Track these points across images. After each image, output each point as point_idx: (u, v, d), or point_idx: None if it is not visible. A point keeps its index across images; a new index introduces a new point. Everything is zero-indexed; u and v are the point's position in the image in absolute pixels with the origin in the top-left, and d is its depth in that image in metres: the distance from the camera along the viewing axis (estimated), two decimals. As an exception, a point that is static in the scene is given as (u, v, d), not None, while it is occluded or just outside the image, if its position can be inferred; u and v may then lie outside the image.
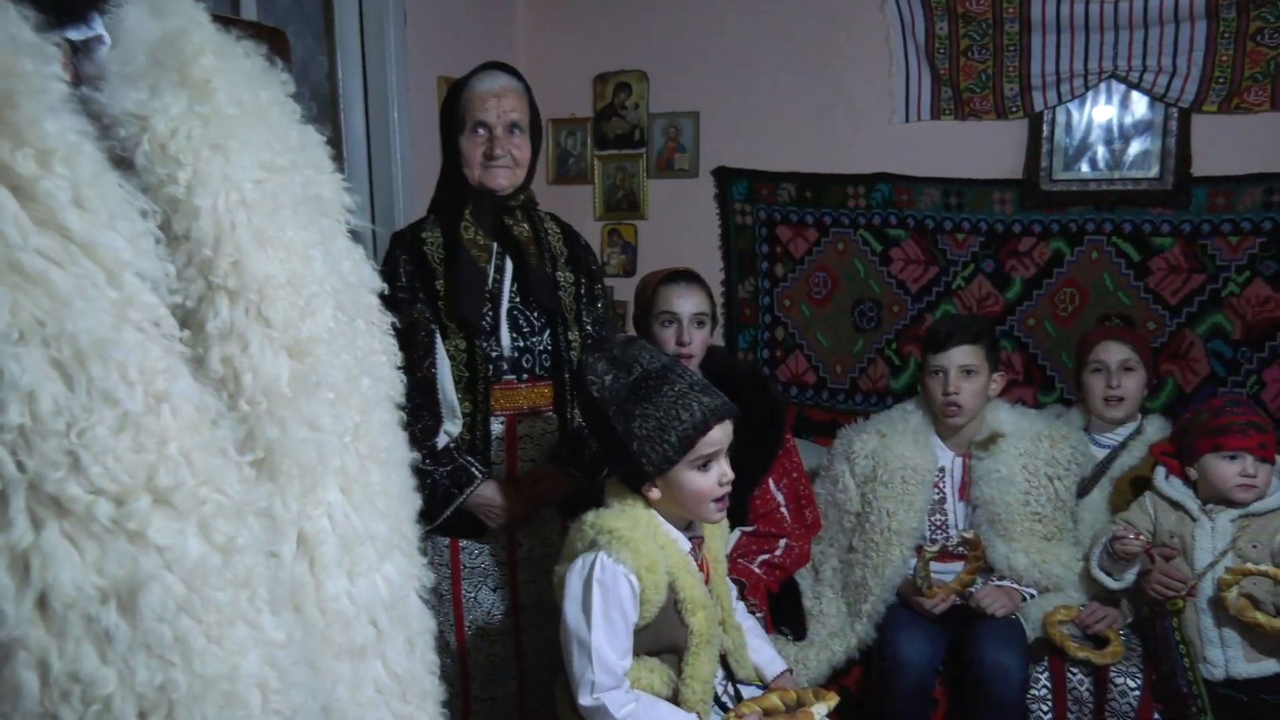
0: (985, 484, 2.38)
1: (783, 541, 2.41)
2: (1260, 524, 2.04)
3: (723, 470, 1.71)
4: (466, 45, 3.28)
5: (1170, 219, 3.02)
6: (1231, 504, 2.06)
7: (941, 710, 2.34)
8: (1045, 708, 2.16)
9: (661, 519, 1.73)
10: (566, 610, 1.68)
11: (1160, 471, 2.18)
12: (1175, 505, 2.13)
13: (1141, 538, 2.10)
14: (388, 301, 1.91)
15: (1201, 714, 1.96)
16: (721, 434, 1.69)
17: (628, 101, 3.54)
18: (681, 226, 3.55)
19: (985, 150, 3.17)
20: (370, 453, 0.90)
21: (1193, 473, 2.11)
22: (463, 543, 2.05)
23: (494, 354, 2.01)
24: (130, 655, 0.63)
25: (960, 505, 2.45)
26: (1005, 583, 2.35)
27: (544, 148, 3.66)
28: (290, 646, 0.74)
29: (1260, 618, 1.93)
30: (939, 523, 2.44)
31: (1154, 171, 3.03)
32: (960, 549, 2.29)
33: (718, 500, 1.72)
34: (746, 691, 1.85)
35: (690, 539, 1.78)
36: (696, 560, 1.78)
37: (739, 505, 2.36)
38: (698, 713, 1.69)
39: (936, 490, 2.45)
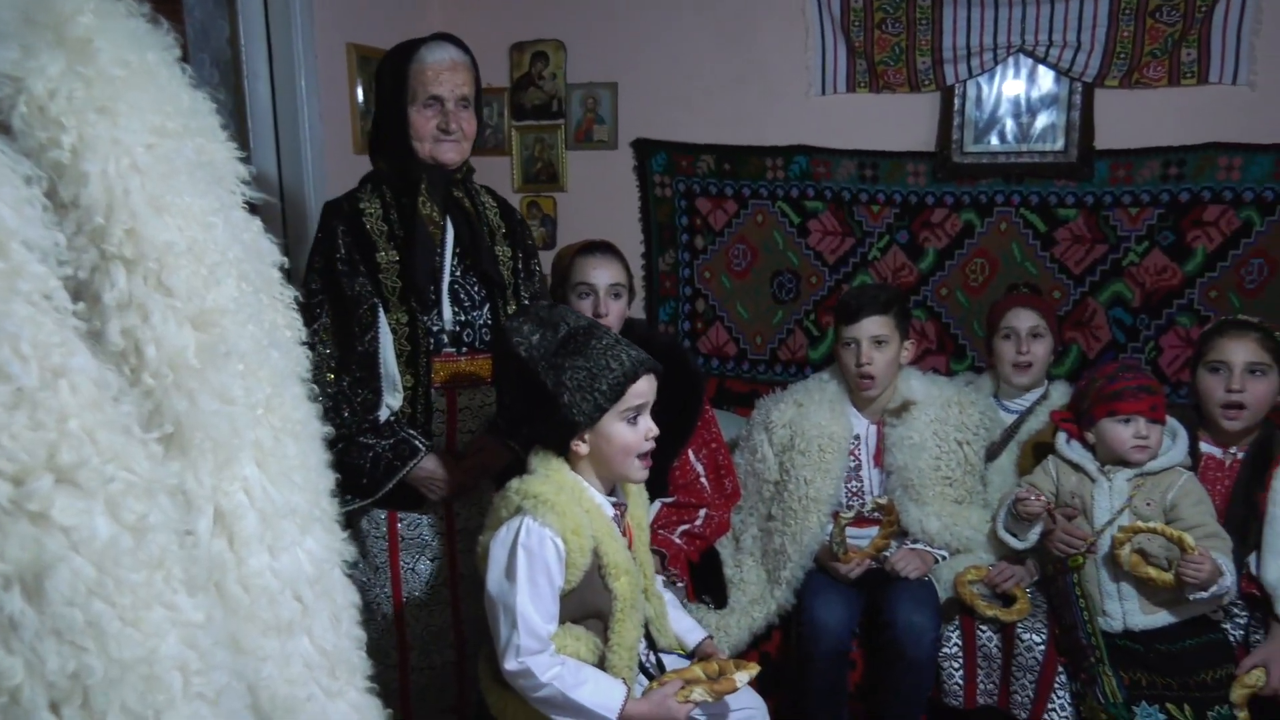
0: (898, 450, 2.44)
1: (703, 511, 2.44)
2: (1153, 483, 2.13)
3: (649, 425, 1.74)
4: (378, 12, 3.19)
5: (1074, 191, 3.12)
6: (1127, 464, 2.15)
7: (859, 671, 2.41)
8: (956, 665, 2.24)
9: (586, 483, 1.75)
10: (490, 577, 1.68)
11: (1061, 435, 2.26)
12: (1075, 467, 2.22)
13: (1042, 499, 2.18)
14: (328, 272, 1.91)
15: (1100, 664, 2.06)
16: (647, 386, 1.73)
17: (545, 71, 3.49)
18: (601, 198, 3.53)
19: (899, 123, 3.22)
20: (284, 425, 0.89)
21: (1091, 436, 2.19)
22: (401, 514, 2.06)
23: (435, 328, 2.02)
24: (39, 643, 0.61)
25: (875, 472, 2.50)
26: (918, 546, 2.42)
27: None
28: (210, 626, 0.73)
29: (1152, 572, 2.03)
30: (855, 489, 2.50)
31: (1059, 145, 3.12)
32: (875, 514, 2.35)
33: (643, 456, 1.74)
34: (668, 660, 1.88)
35: (614, 504, 1.79)
36: (620, 526, 1.79)
37: (659, 476, 2.38)
38: (624, 679, 1.71)
39: (852, 458, 2.50)
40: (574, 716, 1.65)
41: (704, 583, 2.46)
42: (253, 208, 0.92)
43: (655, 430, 1.75)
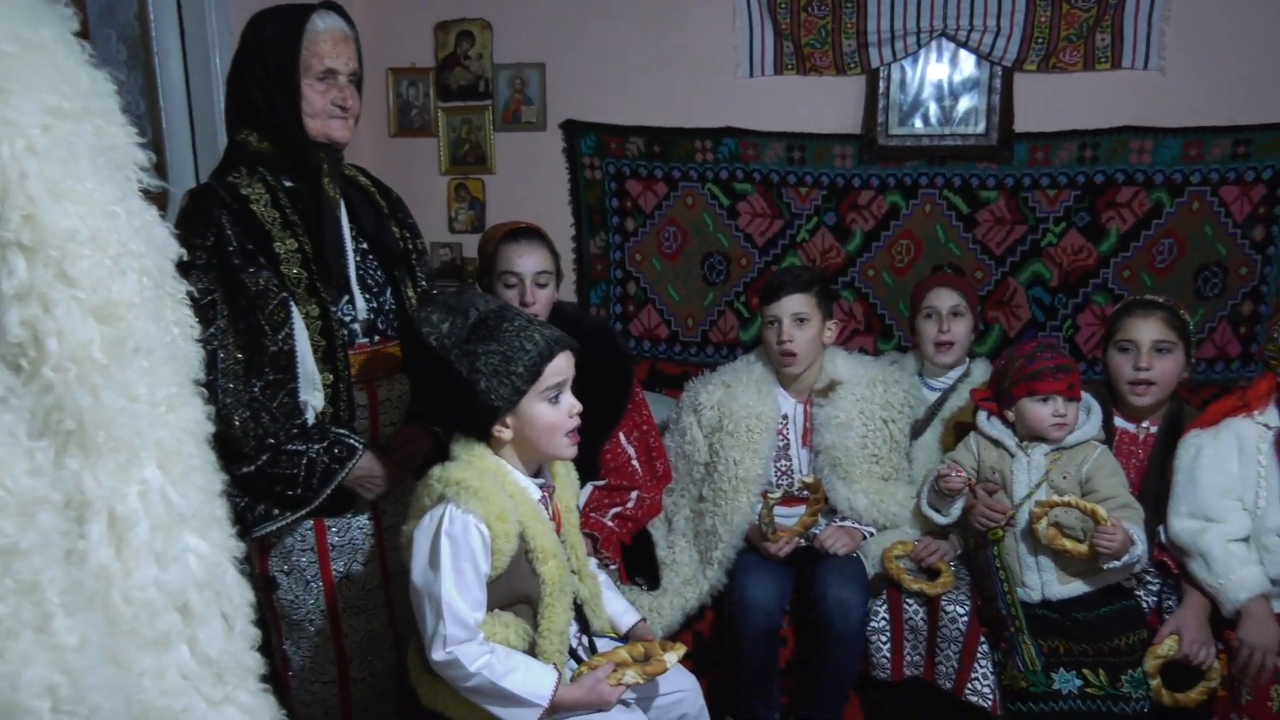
0: (825, 430, 2.47)
1: (634, 494, 2.45)
2: (1069, 457, 2.20)
3: (571, 402, 1.73)
4: (296, -13, 3.09)
5: (995, 173, 3.19)
6: (1045, 440, 2.22)
7: (790, 647, 2.45)
8: (884, 638, 2.28)
9: (510, 468, 1.73)
10: (414, 568, 1.66)
11: (982, 413, 2.32)
12: (995, 443, 2.27)
13: (963, 475, 2.24)
14: (221, 269, 1.77)
15: (1020, 634, 2.12)
16: (565, 363, 1.72)
17: (471, 51, 3.43)
18: (530, 181, 3.49)
19: (826, 106, 3.25)
20: (185, 425, 0.86)
21: (1010, 414, 2.25)
22: (328, 521, 1.95)
23: (349, 318, 1.91)
24: None
25: (804, 451, 2.53)
26: (847, 523, 2.46)
27: (386, 99, 3.53)
28: (85, 648, 0.70)
29: (1068, 544, 2.10)
30: (784, 468, 2.53)
31: (980, 128, 3.19)
32: (802, 493, 2.38)
33: (570, 433, 1.73)
34: (601, 644, 1.88)
35: (541, 488, 1.78)
36: (547, 510, 1.78)
37: (590, 459, 2.38)
38: (555, 665, 1.71)
39: (781, 437, 2.52)
40: (505, 704, 1.64)
41: (637, 565, 2.47)
42: (147, 194, 0.89)
43: (578, 406, 1.74)
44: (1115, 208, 3.14)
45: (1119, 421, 2.39)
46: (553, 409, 1.70)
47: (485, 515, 1.62)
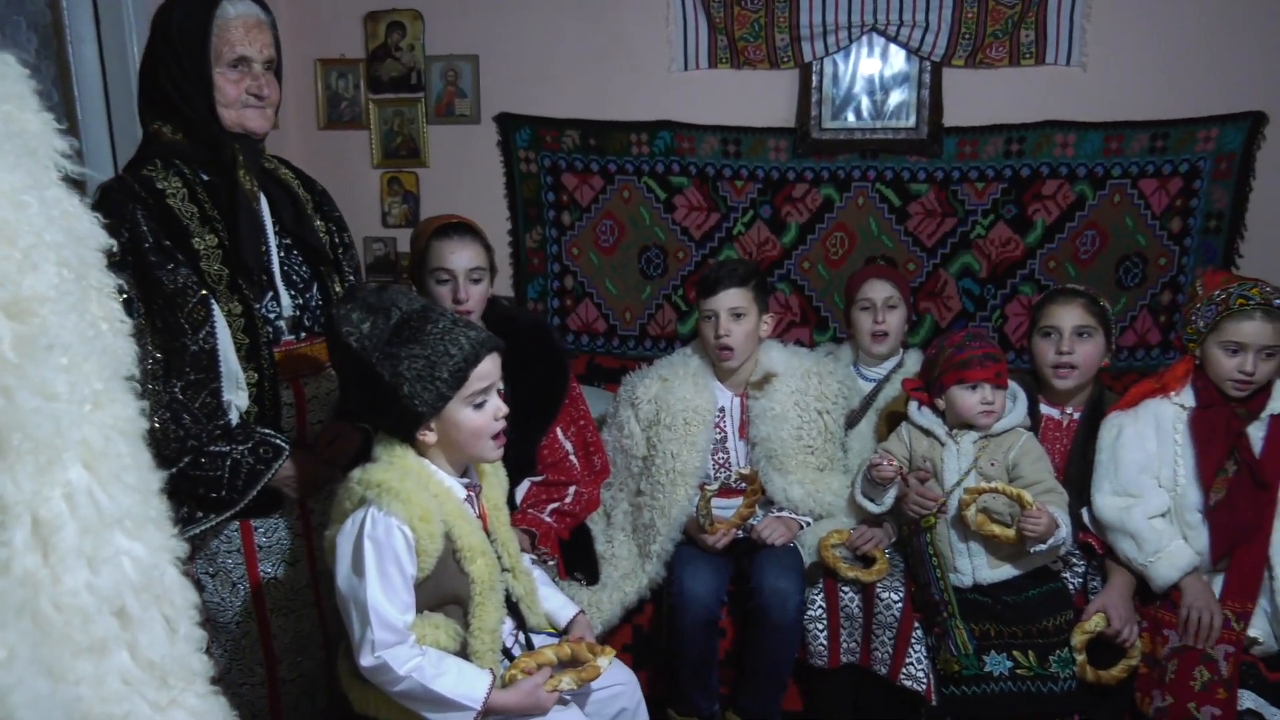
0: (761, 422, 2.49)
1: (572, 488, 2.44)
2: (996, 444, 2.25)
3: (497, 405, 1.71)
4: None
5: (925, 166, 3.25)
6: (973, 427, 2.26)
7: (729, 638, 2.46)
8: (820, 626, 2.31)
9: (434, 468, 1.70)
10: (338, 574, 1.63)
11: (913, 403, 2.36)
12: (926, 432, 2.32)
13: (894, 464, 2.28)
14: (136, 266, 1.71)
15: (952, 618, 2.17)
16: (491, 366, 1.69)
17: (402, 42, 3.38)
18: (465, 174, 3.45)
19: (760, 99, 3.28)
20: (115, 423, 0.83)
21: (940, 403, 2.30)
22: (255, 522, 1.90)
23: (273, 314, 1.86)
24: None
25: (740, 443, 2.55)
26: (783, 513, 2.48)
27: (314, 91, 3.45)
28: (13, 663, 0.67)
29: (996, 529, 2.15)
30: (721, 461, 2.54)
31: (911, 122, 3.24)
32: (739, 484, 2.39)
33: (495, 436, 1.71)
34: (538, 640, 1.86)
35: (467, 487, 1.76)
36: (475, 508, 1.76)
37: (527, 455, 2.37)
38: (489, 665, 1.69)
39: (718, 430, 2.54)
40: (437, 708, 1.62)
41: (575, 560, 2.46)
42: (70, 183, 0.85)
43: (504, 409, 1.71)
44: (1040, 200, 3.22)
45: (1044, 409, 2.45)
46: (478, 414, 1.68)
47: (408, 517, 1.60)
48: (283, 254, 1.91)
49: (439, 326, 1.64)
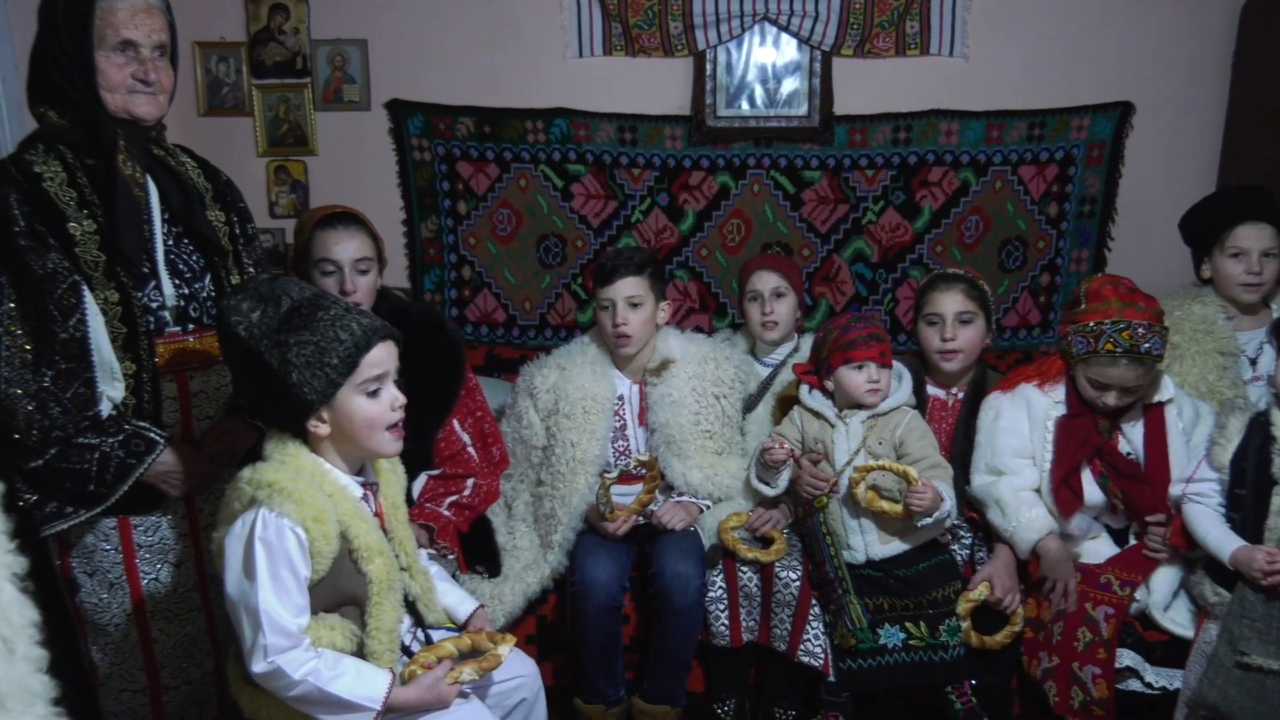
0: (660, 408, 2.51)
1: (470, 481, 2.41)
2: (883, 422, 2.32)
3: (393, 395, 1.67)
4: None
5: (818, 154, 3.31)
6: (861, 407, 2.33)
7: (633, 624, 2.48)
8: (721, 606, 2.34)
9: (329, 466, 1.66)
10: (228, 577, 1.58)
11: (804, 387, 2.41)
12: (817, 415, 2.37)
13: (786, 446, 2.32)
14: (6, 251, 1.63)
15: (846, 594, 2.23)
16: (385, 354, 1.65)
17: (286, 25, 3.26)
18: (356, 162, 3.36)
19: (656, 87, 3.28)
20: None
21: (830, 384, 2.36)
22: (134, 520, 1.84)
23: (155, 304, 1.81)
24: None
25: (640, 430, 2.56)
26: (683, 498, 2.51)
27: (193, 75, 3.32)
28: None
29: (884, 505, 2.21)
30: (622, 448, 2.55)
31: (803, 110, 3.30)
32: (639, 471, 2.40)
33: (392, 428, 1.67)
34: (437, 636, 1.84)
35: (364, 485, 1.72)
36: (371, 507, 1.73)
37: (424, 448, 2.33)
38: (387, 665, 1.66)
39: (617, 418, 2.54)
40: (335, 711, 1.58)
41: (476, 553, 2.43)
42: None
43: (402, 399, 1.68)
44: (928, 186, 3.32)
45: (930, 389, 2.54)
46: (372, 403, 1.64)
47: (301, 518, 1.56)
48: (171, 243, 1.85)
49: (330, 314, 1.60)
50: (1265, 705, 1.92)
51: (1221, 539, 2.03)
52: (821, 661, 2.25)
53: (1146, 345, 2.13)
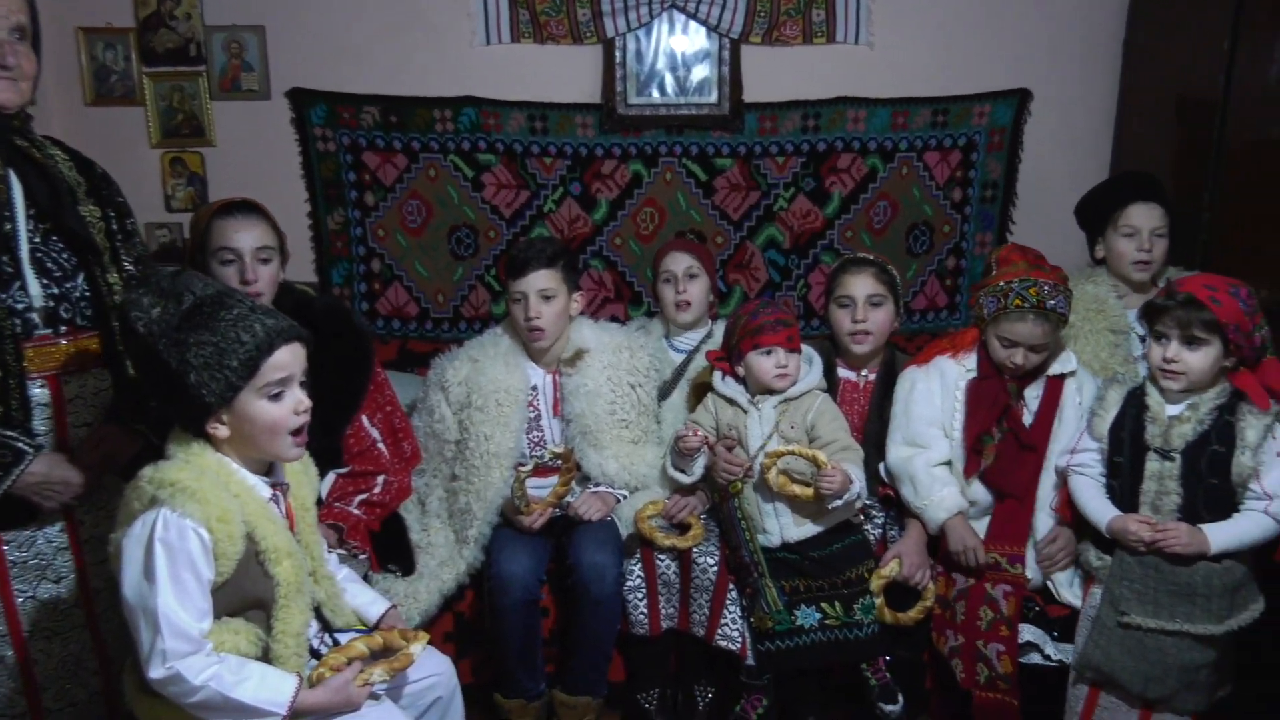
0: (575, 399, 2.49)
1: (381, 478, 2.35)
2: (794, 407, 2.35)
3: (297, 398, 1.62)
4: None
5: (729, 141, 3.32)
6: (772, 392, 2.35)
7: (552, 617, 2.46)
8: (640, 595, 2.34)
9: (235, 465, 1.61)
10: (126, 580, 1.51)
11: (717, 374, 2.42)
12: (730, 401, 2.38)
13: (699, 434, 2.33)
14: None
15: (762, 577, 2.25)
16: (290, 357, 1.60)
17: (177, 10, 3.12)
18: (256, 153, 3.25)
19: (566, 75, 3.25)
20: None
21: (741, 370, 2.37)
22: (5, 535, 1.74)
23: (20, 305, 1.71)
24: None
25: (555, 421, 2.54)
26: (600, 488, 2.50)
27: (78, 63, 3.16)
28: None
29: (796, 489, 2.24)
30: (537, 439, 2.53)
31: (713, 97, 3.30)
32: (554, 463, 2.39)
33: (295, 433, 1.62)
34: (345, 639, 1.79)
35: (273, 485, 1.67)
36: (280, 508, 1.67)
37: (332, 446, 2.26)
38: (296, 670, 1.61)
39: (531, 409, 2.52)
40: (240, 718, 1.53)
41: (389, 551, 2.38)
42: None
43: (307, 403, 1.63)
44: (836, 173, 3.37)
45: (842, 371, 2.58)
46: (274, 406, 1.59)
47: (204, 518, 1.50)
48: (38, 240, 1.75)
49: (233, 314, 1.55)
50: (1145, 663, 2.01)
51: (1100, 509, 2.11)
52: (739, 645, 2.26)
53: (1052, 302, 2.23)
